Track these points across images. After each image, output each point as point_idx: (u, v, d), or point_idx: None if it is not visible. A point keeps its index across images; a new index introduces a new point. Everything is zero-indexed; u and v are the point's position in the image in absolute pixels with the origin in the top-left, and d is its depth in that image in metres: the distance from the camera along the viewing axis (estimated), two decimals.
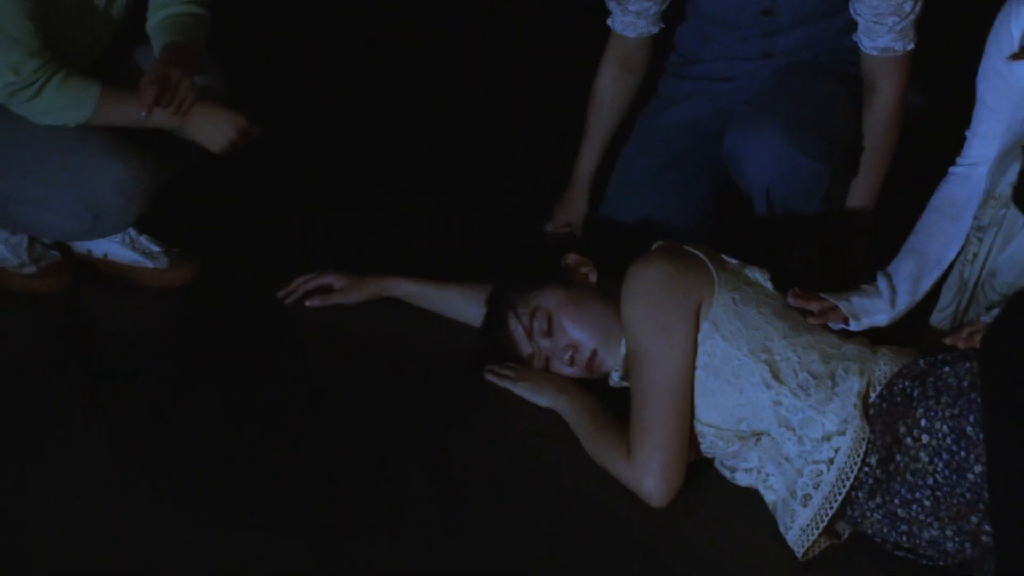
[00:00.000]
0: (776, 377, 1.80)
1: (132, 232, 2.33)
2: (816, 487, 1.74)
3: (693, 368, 1.86)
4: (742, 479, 1.88)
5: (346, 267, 2.35)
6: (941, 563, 1.73)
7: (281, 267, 2.41)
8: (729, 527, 1.85)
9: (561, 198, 2.69)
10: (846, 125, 2.38)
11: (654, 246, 2.00)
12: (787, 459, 1.79)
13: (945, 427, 1.65)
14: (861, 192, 2.41)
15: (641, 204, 2.50)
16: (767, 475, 1.84)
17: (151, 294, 2.34)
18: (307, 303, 2.31)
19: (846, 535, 1.80)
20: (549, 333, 2.04)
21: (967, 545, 1.69)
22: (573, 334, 2.02)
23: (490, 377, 2.11)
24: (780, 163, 2.25)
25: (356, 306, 2.30)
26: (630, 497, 1.85)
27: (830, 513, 1.73)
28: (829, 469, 1.74)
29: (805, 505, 1.75)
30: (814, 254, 2.40)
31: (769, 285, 1.93)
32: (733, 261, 1.95)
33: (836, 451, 1.73)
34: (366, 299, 2.31)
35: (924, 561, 1.74)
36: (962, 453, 1.63)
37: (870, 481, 1.72)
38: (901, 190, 2.36)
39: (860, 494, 1.74)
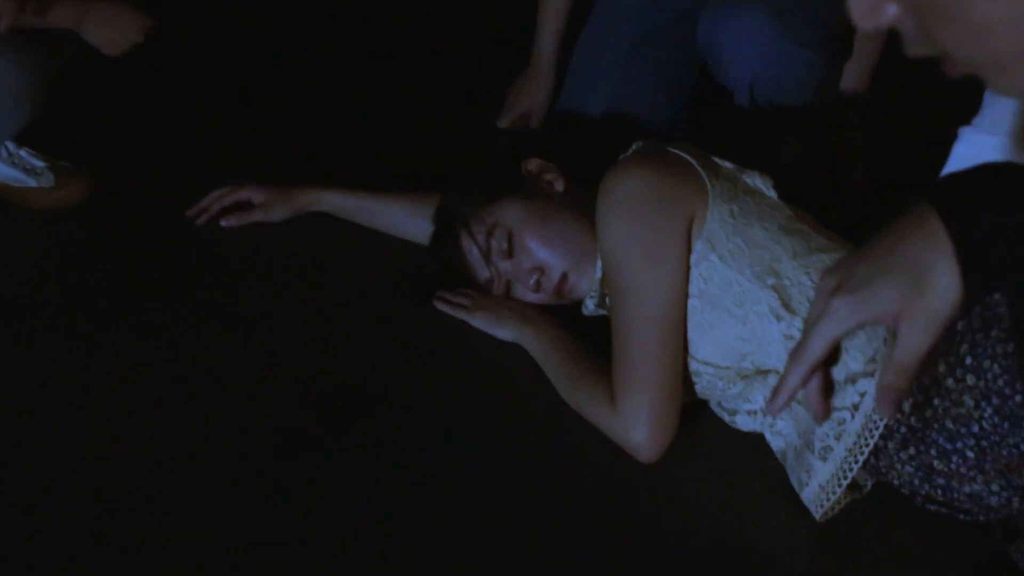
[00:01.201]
0: (786, 306, 1.51)
1: (10, 146, 1.97)
2: (838, 438, 1.46)
3: (685, 296, 1.56)
4: (744, 423, 1.60)
5: (267, 178, 2.02)
6: (981, 518, 1.47)
7: (190, 181, 2.07)
8: (731, 482, 1.57)
9: (515, 82, 2.35)
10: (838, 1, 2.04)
11: (633, 148, 1.68)
12: (800, 402, 1.51)
13: (996, 366, 1.36)
14: (854, 76, 2.09)
15: (606, 93, 2.17)
16: (774, 419, 1.56)
17: (36, 217, 1.98)
18: (222, 222, 1.98)
19: (868, 487, 1.53)
20: (510, 254, 1.73)
21: (1015, 499, 1.42)
22: (538, 255, 1.71)
23: (441, 306, 1.80)
24: (766, 53, 1.93)
25: (280, 224, 1.97)
26: (614, 449, 1.56)
27: (854, 468, 1.45)
28: (853, 417, 1.45)
29: (824, 459, 1.47)
30: (800, 147, 2.10)
31: (772, 193, 1.62)
32: (727, 165, 1.64)
33: (862, 395, 1.44)
34: (292, 215, 1.99)
35: (961, 516, 1.47)
36: (1017, 397, 1.35)
37: (902, 430, 1.44)
38: (894, 72, 2.07)
39: (890, 444, 1.45)
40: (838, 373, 1.47)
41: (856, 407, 1.45)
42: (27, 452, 1.55)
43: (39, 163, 1.99)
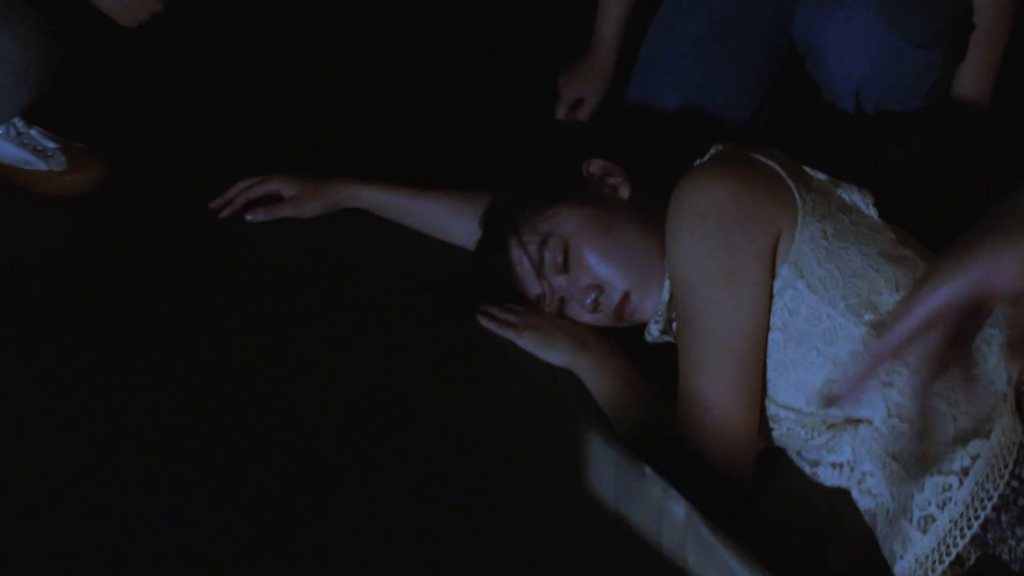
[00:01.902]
0: None
1: (19, 123, 1.79)
2: (942, 507, 1.24)
3: (767, 329, 1.34)
4: (827, 476, 1.39)
5: (299, 168, 1.83)
6: None
7: (214, 167, 1.89)
8: (811, 541, 1.35)
9: (569, 69, 2.13)
10: None
11: (711, 151, 1.46)
12: (897, 458, 1.29)
13: None
14: (974, 78, 1.85)
15: (679, 87, 1.95)
16: (864, 474, 1.34)
17: (46, 204, 1.80)
18: (248, 217, 1.79)
19: (972, 561, 1.30)
20: (565, 268, 1.52)
21: None
22: (597, 270, 1.50)
23: (485, 323, 1.60)
24: (877, 53, 1.70)
25: (312, 221, 1.78)
26: None
27: (960, 544, 1.23)
28: (962, 483, 1.23)
29: (924, 530, 1.24)
30: (904, 155, 1.87)
31: (873, 212, 1.40)
32: (820, 176, 1.42)
33: (973, 459, 1.22)
34: (324, 211, 1.79)
35: None
36: None
37: (1020, 501, 1.22)
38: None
39: (1004, 517, 1.23)
40: (946, 431, 1.25)
41: (966, 472, 1.23)
42: (25, 454, 1.40)
43: (50, 144, 1.81)
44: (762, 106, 1.94)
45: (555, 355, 1.54)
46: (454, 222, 1.73)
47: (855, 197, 1.40)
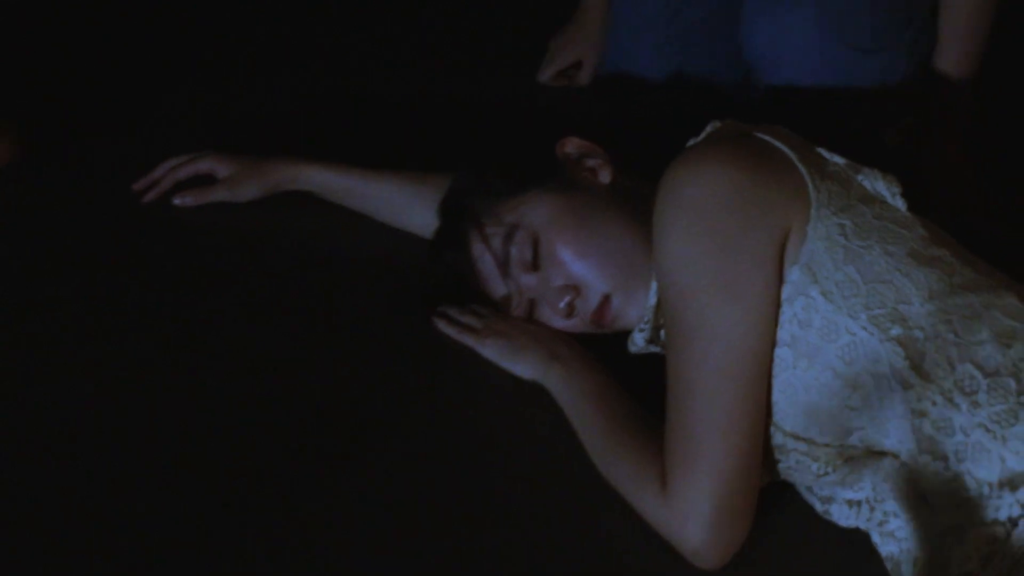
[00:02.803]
0: (916, 367, 1.07)
1: None
2: (985, 561, 1.02)
3: (772, 343, 1.12)
4: (842, 516, 1.17)
5: (235, 146, 1.61)
6: None
7: (140, 144, 1.68)
8: None
9: (560, 31, 1.90)
10: None
11: (707, 129, 1.24)
12: (928, 498, 1.08)
13: None
14: (950, 66, 1.63)
15: (655, 45, 1.74)
16: (886, 515, 1.13)
17: None
18: (176, 200, 1.57)
19: None
20: (535, 266, 1.31)
21: None
22: (573, 269, 1.28)
23: (443, 327, 1.38)
24: (820, 63, 1.57)
25: (249, 205, 1.57)
26: (662, 545, 1.14)
27: None
28: (1010, 534, 1.02)
29: None
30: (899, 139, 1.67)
31: (900, 204, 1.18)
32: (838, 160, 1.20)
33: None
34: (263, 194, 1.57)
35: None
36: None
37: None
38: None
39: None
40: (989, 472, 1.04)
41: (1014, 522, 1.02)
42: None
43: None
44: (748, 72, 1.73)
45: (522, 367, 1.32)
46: (409, 208, 1.51)
47: (879, 185, 1.18)
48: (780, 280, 1.12)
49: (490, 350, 1.34)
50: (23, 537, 1.14)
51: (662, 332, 1.25)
